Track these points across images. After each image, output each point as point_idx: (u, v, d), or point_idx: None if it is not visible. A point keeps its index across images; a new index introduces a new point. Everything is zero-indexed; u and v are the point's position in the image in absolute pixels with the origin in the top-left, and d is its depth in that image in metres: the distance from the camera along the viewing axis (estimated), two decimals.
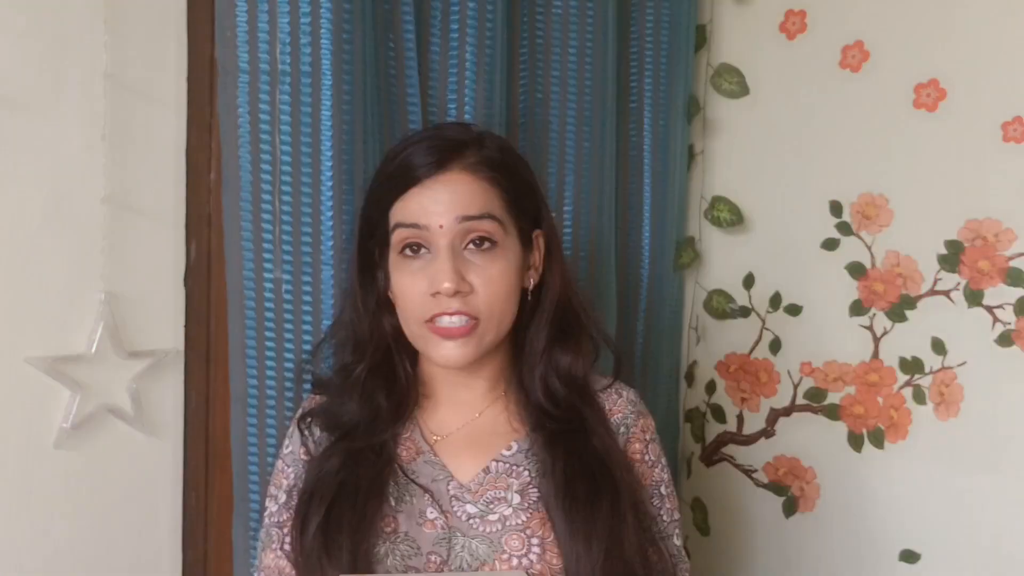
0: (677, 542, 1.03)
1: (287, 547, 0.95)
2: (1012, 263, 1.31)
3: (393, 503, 0.94)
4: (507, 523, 0.93)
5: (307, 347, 1.08)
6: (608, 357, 1.09)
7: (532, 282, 1.01)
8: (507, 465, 0.97)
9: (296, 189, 1.06)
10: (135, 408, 1.12)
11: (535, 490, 0.95)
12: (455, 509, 0.94)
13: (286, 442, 1.02)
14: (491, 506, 0.94)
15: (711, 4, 1.58)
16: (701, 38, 1.58)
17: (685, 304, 1.62)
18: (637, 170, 1.49)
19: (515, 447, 0.99)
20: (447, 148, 0.97)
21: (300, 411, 1.02)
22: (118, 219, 1.10)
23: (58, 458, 1.07)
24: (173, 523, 1.17)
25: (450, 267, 0.91)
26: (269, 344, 1.08)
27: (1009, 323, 1.31)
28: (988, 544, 1.33)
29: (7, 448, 1.04)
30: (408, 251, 0.95)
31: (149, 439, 1.14)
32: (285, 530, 0.96)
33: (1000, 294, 1.32)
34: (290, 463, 1.00)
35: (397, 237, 0.96)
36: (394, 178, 0.97)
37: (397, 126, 1.19)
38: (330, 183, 1.07)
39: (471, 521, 0.94)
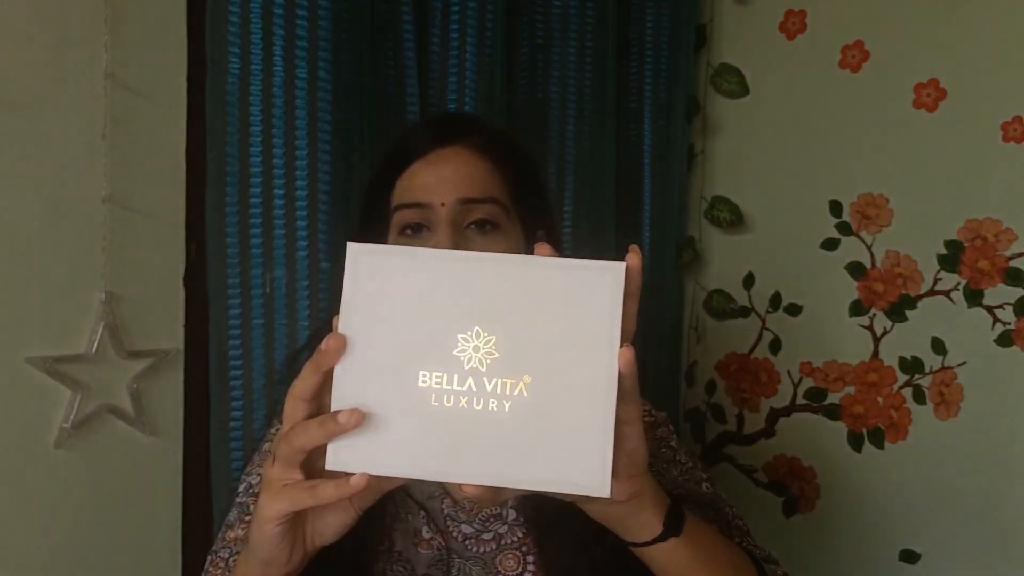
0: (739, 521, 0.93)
1: None
2: (1012, 263, 1.31)
3: (388, 520, 0.88)
4: (502, 541, 0.89)
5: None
6: None
7: None
8: None
9: (291, 187, 1.06)
10: (135, 408, 1.11)
11: (530, 500, 0.89)
12: (451, 529, 0.89)
13: (274, 429, 0.95)
14: (486, 524, 0.89)
15: (711, 4, 1.58)
16: (701, 38, 1.58)
17: (685, 304, 1.62)
18: (637, 170, 1.49)
19: None
20: (451, 124, 0.94)
21: (278, 423, 0.94)
22: (118, 219, 1.09)
23: (58, 458, 1.07)
24: (173, 523, 1.17)
25: (449, 241, 0.85)
26: (256, 345, 1.08)
27: (1009, 323, 1.31)
28: (988, 544, 1.33)
29: (7, 448, 1.04)
30: (408, 231, 0.89)
31: (149, 439, 1.14)
32: None
33: (1000, 294, 1.32)
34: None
35: (397, 219, 0.90)
36: (395, 155, 0.92)
37: (395, 125, 1.19)
38: (327, 180, 1.07)
39: (467, 542, 0.89)
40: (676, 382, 1.61)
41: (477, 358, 0.58)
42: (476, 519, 0.90)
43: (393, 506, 0.89)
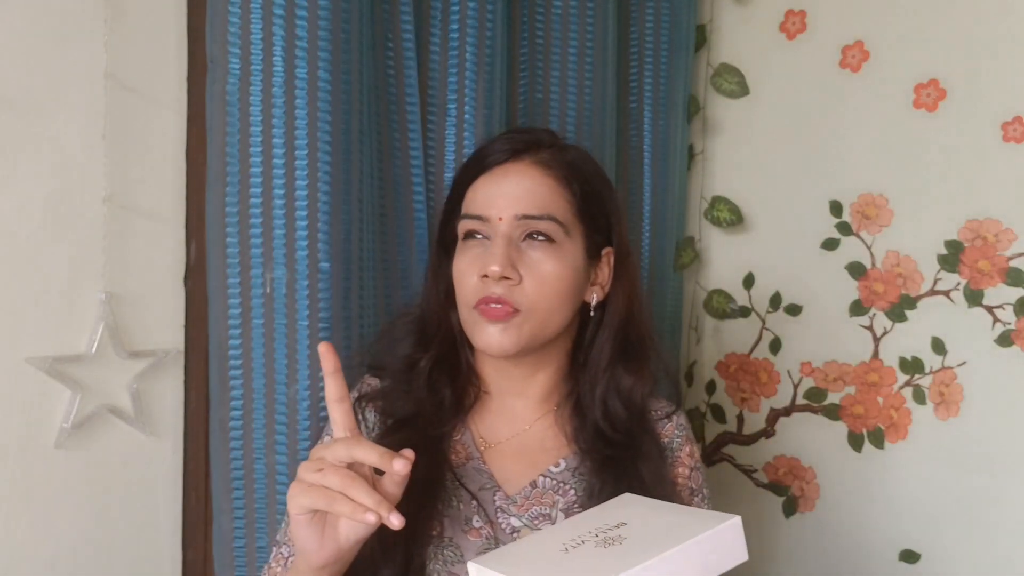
0: None
1: None
2: (1012, 263, 1.31)
3: (440, 506, 0.93)
4: None
5: (303, 346, 1.07)
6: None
7: (595, 298, 1.00)
8: (554, 482, 0.97)
9: (290, 187, 1.06)
10: (135, 408, 1.11)
11: (579, 510, 0.94)
12: (500, 520, 0.94)
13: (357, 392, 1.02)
14: (535, 522, 0.94)
15: (711, 4, 1.58)
16: (701, 38, 1.58)
17: (685, 304, 1.62)
18: (637, 170, 1.49)
19: (563, 464, 0.98)
20: (523, 141, 0.99)
21: (356, 393, 1.02)
22: (118, 219, 1.09)
23: (58, 458, 1.07)
24: (173, 523, 1.17)
25: (502, 252, 0.92)
26: (256, 345, 1.07)
27: (1009, 323, 1.31)
28: (988, 544, 1.33)
29: (7, 448, 1.04)
30: (469, 238, 0.97)
31: (149, 439, 1.14)
32: None
33: (1000, 294, 1.32)
34: None
35: (462, 226, 0.98)
36: (469, 166, 1.01)
37: (395, 125, 1.19)
38: (327, 180, 1.07)
39: (514, 535, 0.93)
40: (676, 382, 1.61)
41: None
42: (525, 514, 0.94)
43: (445, 494, 0.94)
